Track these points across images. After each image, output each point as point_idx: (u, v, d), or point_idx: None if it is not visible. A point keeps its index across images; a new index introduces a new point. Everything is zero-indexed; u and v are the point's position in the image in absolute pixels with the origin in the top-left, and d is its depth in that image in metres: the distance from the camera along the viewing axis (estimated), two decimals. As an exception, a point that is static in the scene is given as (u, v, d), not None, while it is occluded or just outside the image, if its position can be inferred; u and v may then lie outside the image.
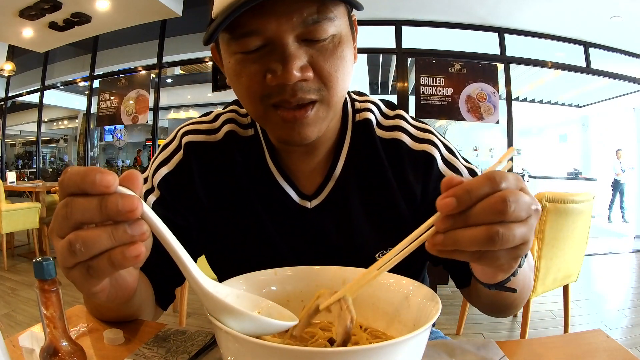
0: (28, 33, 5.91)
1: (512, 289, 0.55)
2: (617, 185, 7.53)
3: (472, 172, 0.74)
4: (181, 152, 0.73)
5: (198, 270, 0.41)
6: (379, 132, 0.74)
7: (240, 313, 0.40)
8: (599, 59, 5.40)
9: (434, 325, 0.59)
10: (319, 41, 0.57)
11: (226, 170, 0.73)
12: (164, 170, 0.73)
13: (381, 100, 0.81)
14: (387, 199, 0.71)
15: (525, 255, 0.53)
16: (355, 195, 0.72)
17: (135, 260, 0.37)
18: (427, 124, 0.77)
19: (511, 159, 0.42)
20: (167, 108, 12.59)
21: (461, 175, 0.72)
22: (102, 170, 0.36)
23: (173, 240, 0.39)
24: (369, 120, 0.74)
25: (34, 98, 7.51)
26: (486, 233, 0.38)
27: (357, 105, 0.77)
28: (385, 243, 0.71)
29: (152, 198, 0.72)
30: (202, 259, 0.79)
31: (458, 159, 0.74)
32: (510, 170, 0.41)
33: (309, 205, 0.72)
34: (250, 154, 0.73)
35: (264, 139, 0.73)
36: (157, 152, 0.77)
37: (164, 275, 0.69)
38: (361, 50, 4.40)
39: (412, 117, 0.78)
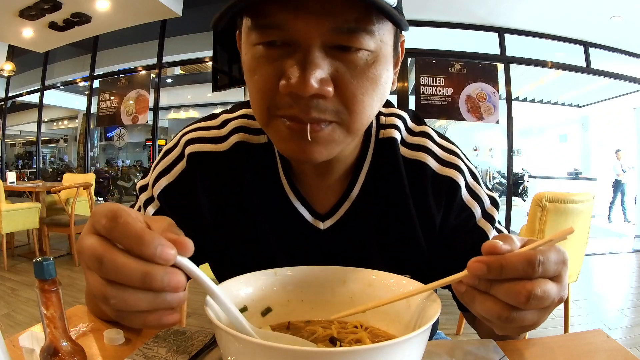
0: (28, 33, 5.91)
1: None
2: (618, 186, 7.54)
3: (493, 201, 0.70)
4: (184, 162, 0.68)
5: (240, 314, 0.43)
6: (403, 150, 0.69)
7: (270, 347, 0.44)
8: (599, 59, 5.40)
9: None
10: (350, 51, 0.48)
11: (233, 183, 0.67)
12: (164, 182, 0.67)
13: (408, 111, 0.75)
14: (404, 227, 0.67)
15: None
16: (371, 219, 0.67)
17: (169, 326, 0.38)
18: (452, 143, 0.73)
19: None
20: (167, 108, 12.62)
21: (482, 203, 0.69)
22: (164, 242, 0.35)
23: (211, 284, 0.40)
24: (394, 140, 0.68)
25: (34, 98, 7.51)
26: (498, 311, 0.41)
27: (383, 119, 0.71)
28: (396, 272, 0.68)
29: (150, 209, 0.68)
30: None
31: (481, 187, 0.70)
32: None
33: (321, 226, 0.67)
34: (261, 166, 0.67)
35: (277, 150, 0.68)
36: (158, 157, 0.72)
37: None
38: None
39: (437, 134, 0.73)
